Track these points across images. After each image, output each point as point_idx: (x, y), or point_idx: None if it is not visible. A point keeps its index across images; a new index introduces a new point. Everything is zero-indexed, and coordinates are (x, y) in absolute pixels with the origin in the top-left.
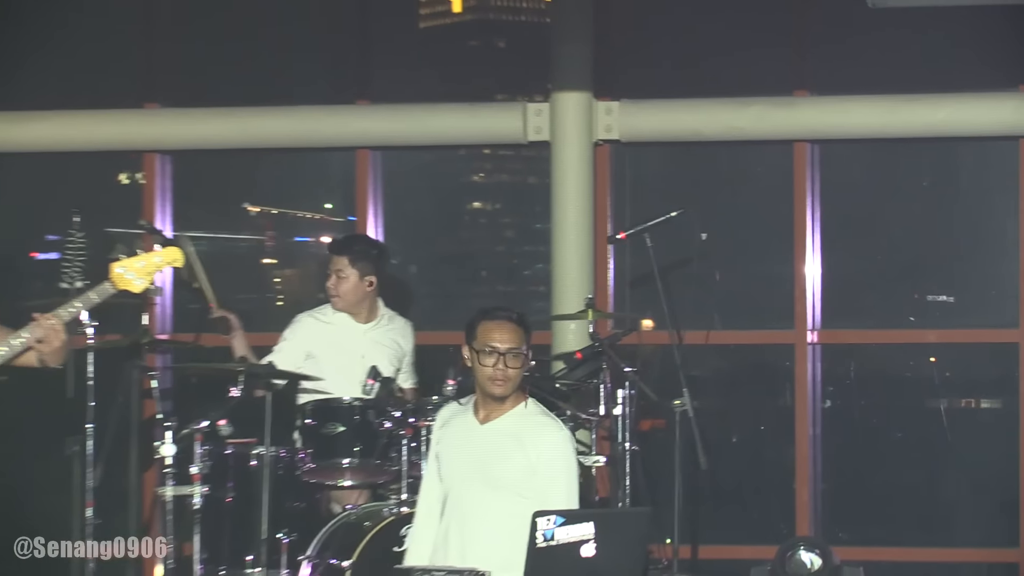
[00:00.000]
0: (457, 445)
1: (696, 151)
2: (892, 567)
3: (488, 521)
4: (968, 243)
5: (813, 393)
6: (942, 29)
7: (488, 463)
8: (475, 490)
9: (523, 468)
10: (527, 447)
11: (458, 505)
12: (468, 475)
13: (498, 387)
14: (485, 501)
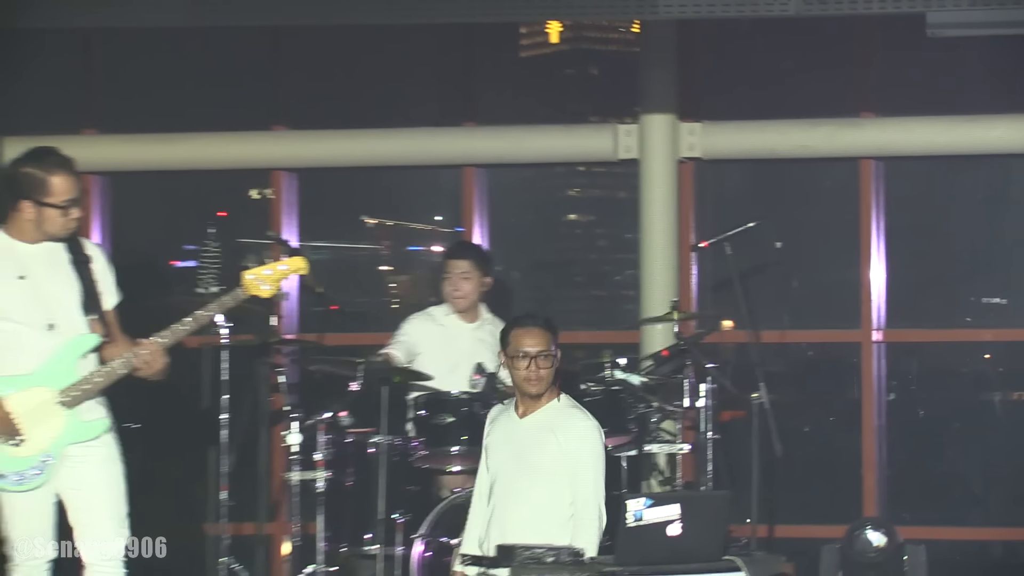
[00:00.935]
0: (501, 439)
1: (771, 167)
2: (951, 545)
3: (526, 503)
4: (1019, 250)
5: (878, 387)
6: (995, 53)
7: (526, 452)
8: (515, 476)
9: (555, 455)
10: (559, 436)
11: (501, 490)
12: (510, 463)
13: (532, 386)
14: (524, 485)
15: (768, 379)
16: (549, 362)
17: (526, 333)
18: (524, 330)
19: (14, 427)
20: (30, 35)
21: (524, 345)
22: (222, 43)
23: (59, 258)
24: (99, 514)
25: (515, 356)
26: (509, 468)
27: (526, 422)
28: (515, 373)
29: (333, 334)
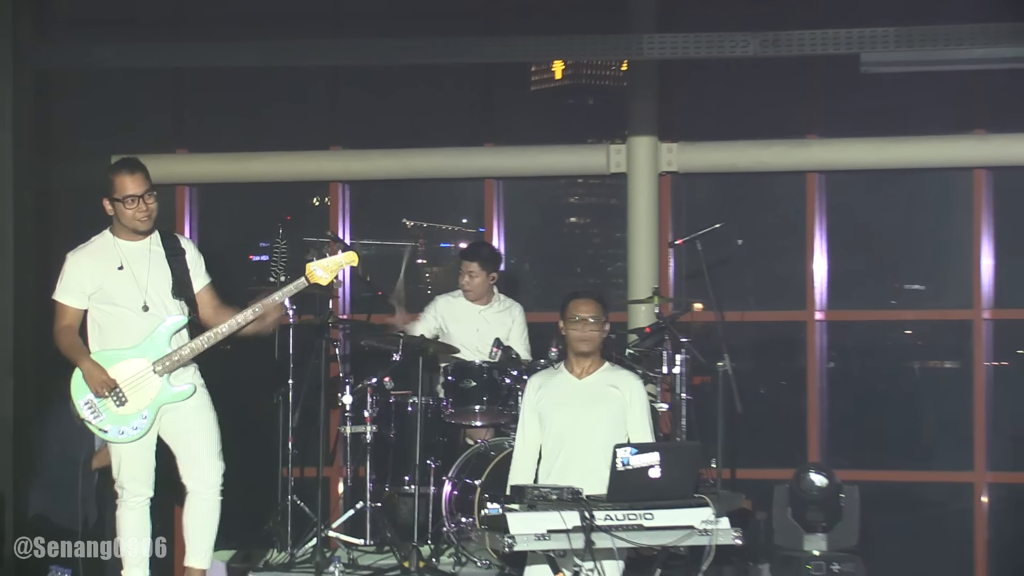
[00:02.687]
0: (560, 398)
1: (734, 179)
2: (880, 485)
3: (590, 451)
4: (935, 246)
5: (820, 357)
6: (917, 86)
7: (593, 405)
8: (579, 429)
9: (618, 408)
10: (622, 391)
11: (562, 442)
12: (576, 417)
13: (584, 345)
14: (587, 436)
15: (731, 351)
16: (599, 326)
17: (582, 302)
18: (580, 300)
19: (114, 385)
20: (135, 71)
21: (579, 311)
22: (290, 78)
23: (155, 251)
24: (198, 453)
25: (571, 320)
26: (577, 420)
27: (586, 382)
28: (571, 334)
29: (378, 315)
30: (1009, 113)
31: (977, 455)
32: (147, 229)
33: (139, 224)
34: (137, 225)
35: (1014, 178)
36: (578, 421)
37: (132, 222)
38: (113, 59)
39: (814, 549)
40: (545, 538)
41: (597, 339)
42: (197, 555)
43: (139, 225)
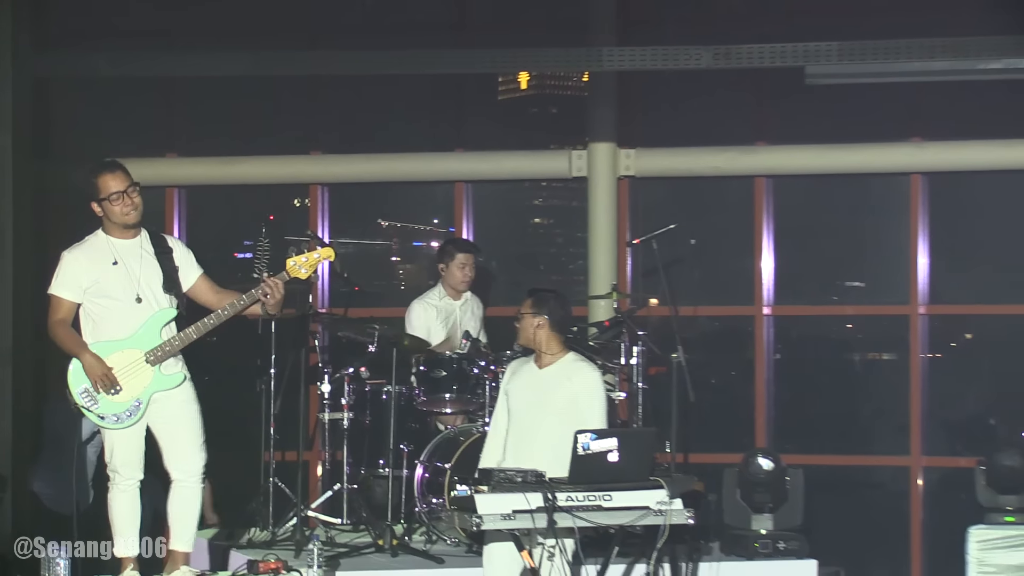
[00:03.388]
0: (523, 385)
1: (687, 183)
2: (822, 469)
3: (541, 437)
4: (873, 246)
5: (767, 349)
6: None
7: (545, 395)
8: (534, 414)
9: (568, 397)
10: (574, 382)
11: (520, 426)
12: (530, 404)
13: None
14: (541, 422)
15: (684, 343)
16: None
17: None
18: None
19: (114, 379)
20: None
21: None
22: (273, 87)
23: (146, 249)
24: (182, 442)
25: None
26: (529, 408)
27: (544, 372)
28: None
29: (355, 308)
30: (944, 122)
31: (913, 441)
32: (135, 222)
33: (127, 218)
34: (126, 219)
35: (948, 183)
36: (531, 407)
37: (121, 217)
38: (107, 68)
39: (761, 528)
40: (510, 518)
41: (526, 333)
42: (181, 539)
43: (128, 219)
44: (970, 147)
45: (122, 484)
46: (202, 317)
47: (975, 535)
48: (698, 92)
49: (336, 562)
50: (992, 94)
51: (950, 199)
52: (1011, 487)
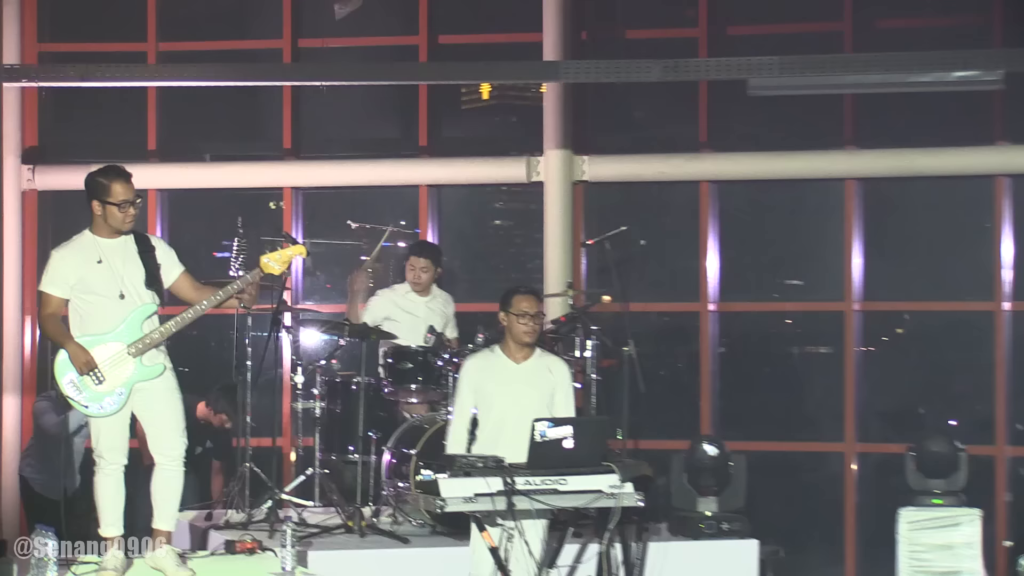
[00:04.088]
0: (502, 381)
1: (637, 188)
2: (763, 454)
3: (527, 426)
4: (812, 246)
5: (712, 343)
6: (796, 107)
7: (530, 388)
8: (523, 406)
9: (549, 389)
10: (554, 374)
11: (506, 418)
12: (517, 397)
13: (528, 337)
14: (526, 413)
15: (635, 337)
16: (540, 319)
17: (524, 299)
18: (523, 296)
19: (96, 366)
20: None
21: (524, 307)
22: (251, 97)
23: (129, 248)
24: (164, 428)
25: (516, 314)
26: (517, 400)
27: (525, 365)
28: (516, 327)
29: (327, 304)
30: (876, 131)
31: (847, 428)
32: (129, 230)
33: (124, 225)
34: (123, 226)
35: (880, 188)
36: (518, 401)
37: (119, 223)
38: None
39: (706, 510)
40: (472, 501)
41: (539, 331)
42: (163, 518)
43: (124, 226)
44: (901, 155)
45: (107, 468)
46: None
47: (905, 516)
48: (648, 103)
49: (308, 542)
50: (922, 105)
51: (882, 203)
52: (939, 471)
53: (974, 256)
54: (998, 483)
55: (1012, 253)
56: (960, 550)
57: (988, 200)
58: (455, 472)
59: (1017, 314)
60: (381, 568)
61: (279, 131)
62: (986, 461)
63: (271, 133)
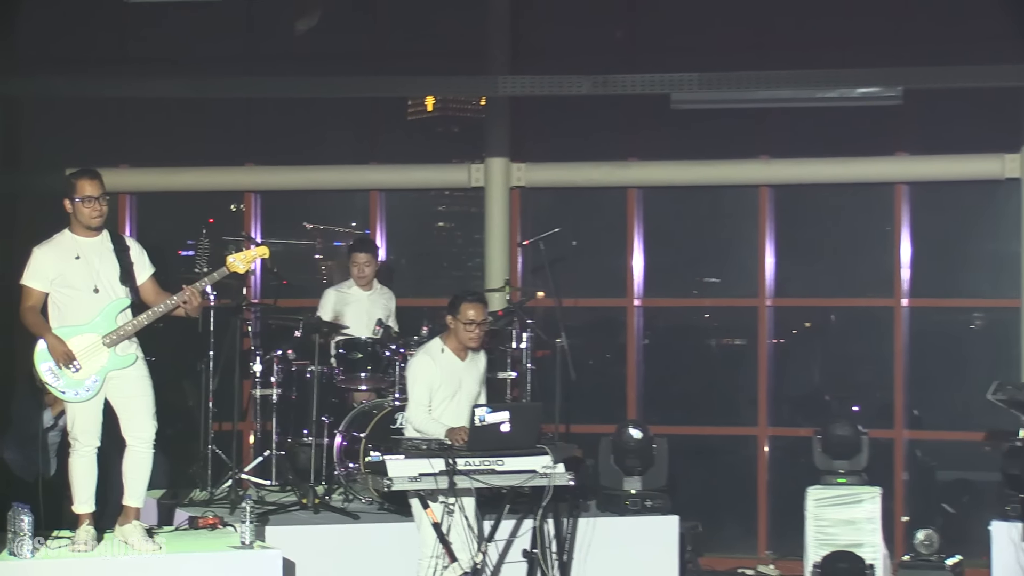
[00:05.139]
0: (454, 376)
1: (570, 193)
2: (684, 437)
3: (466, 413)
4: (728, 247)
5: (638, 335)
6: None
7: (473, 381)
8: (472, 397)
9: (482, 377)
10: (479, 366)
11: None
12: (467, 391)
13: (474, 343)
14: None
15: (566, 330)
16: (486, 326)
17: (471, 307)
18: (470, 304)
19: (74, 358)
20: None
21: (470, 316)
22: (213, 106)
23: (106, 246)
24: (136, 413)
25: (463, 321)
26: (469, 392)
27: (467, 362)
28: (462, 334)
29: (284, 299)
30: (788, 142)
31: (760, 414)
32: (99, 226)
33: (93, 221)
34: (92, 222)
35: (790, 194)
36: (470, 392)
37: (88, 219)
38: (66, 89)
39: (631, 489)
40: (417, 480)
41: (483, 338)
42: (133, 496)
43: (93, 222)
44: (810, 164)
45: (81, 450)
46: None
47: (812, 494)
48: (580, 114)
49: (266, 518)
50: (829, 118)
51: (793, 208)
52: (843, 453)
53: (875, 257)
54: (896, 464)
55: (910, 254)
56: (862, 525)
57: (888, 206)
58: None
59: (914, 310)
60: (333, 542)
61: (240, 138)
62: (885, 444)
63: (232, 140)
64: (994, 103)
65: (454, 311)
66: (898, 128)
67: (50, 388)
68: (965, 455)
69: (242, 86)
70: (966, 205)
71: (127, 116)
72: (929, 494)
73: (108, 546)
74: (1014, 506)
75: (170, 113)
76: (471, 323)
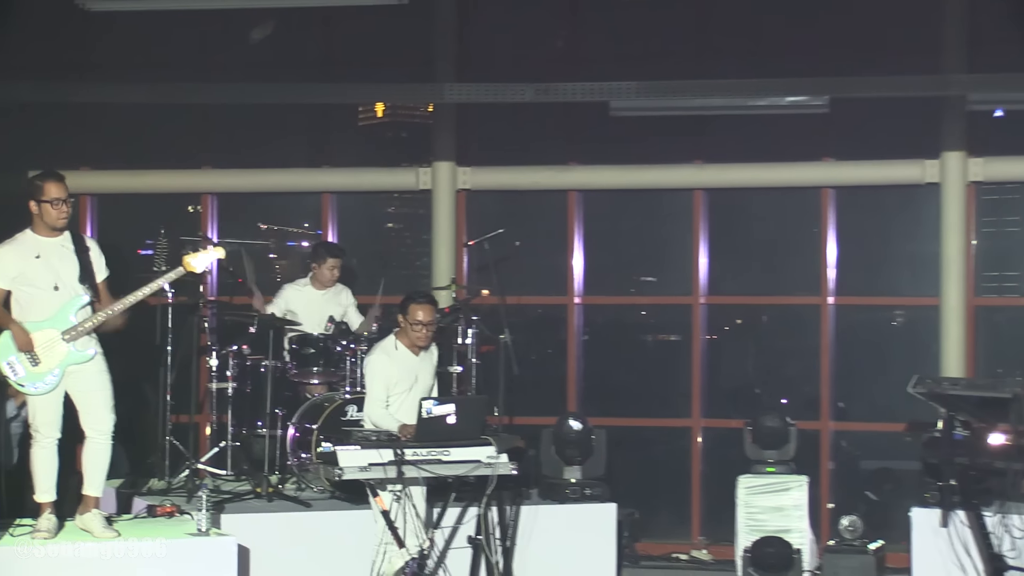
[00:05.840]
0: (409, 371)
1: (513, 196)
2: (621, 429)
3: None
4: (664, 247)
5: (577, 331)
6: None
7: (428, 375)
8: (418, 389)
9: (434, 370)
10: (432, 358)
11: (403, 402)
12: (422, 384)
13: (422, 342)
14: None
15: (510, 326)
16: (435, 327)
17: (420, 308)
18: (419, 305)
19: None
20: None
21: (420, 317)
22: (171, 111)
23: (67, 246)
24: (94, 406)
25: (413, 322)
26: (424, 385)
27: (421, 357)
28: (412, 333)
29: (239, 297)
30: (720, 148)
31: (694, 406)
32: (63, 227)
33: (59, 222)
34: (58, 223)
35: (723, 197)
36: (425, 385)
37: (55, 221)
38: (27, 95)
39: (571, 478)
40: (366, 470)
41: (432, 337)
42: (93, 485)
43: (59, 223)
44: (741, 168)
45: (43, 441)
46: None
47: (743, 482)
48: (524, 121)
49: (221, 506)
50: (760, 125)
51: (725, 210)
52: (772, 443)
53: (803, 257)
54: (823, 453)
55: (835, 255)
56: (790, 512)
57: (815, 209)
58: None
59: (839, 307)
60: (286, 529)
61: (197, 142)
62: (812, 434)
63: (190, 143)
64: (916, 112)
65: (404, 311)
66: (825, 135)
67: (11, 382)
68: (887, 445)
69: (199, 92)
70: (889, 208)
71: (88, 120)
72: (853, 482)
73: (69, 533)
74: (933, 493)
75: (130, 117)
76: (419, 324)
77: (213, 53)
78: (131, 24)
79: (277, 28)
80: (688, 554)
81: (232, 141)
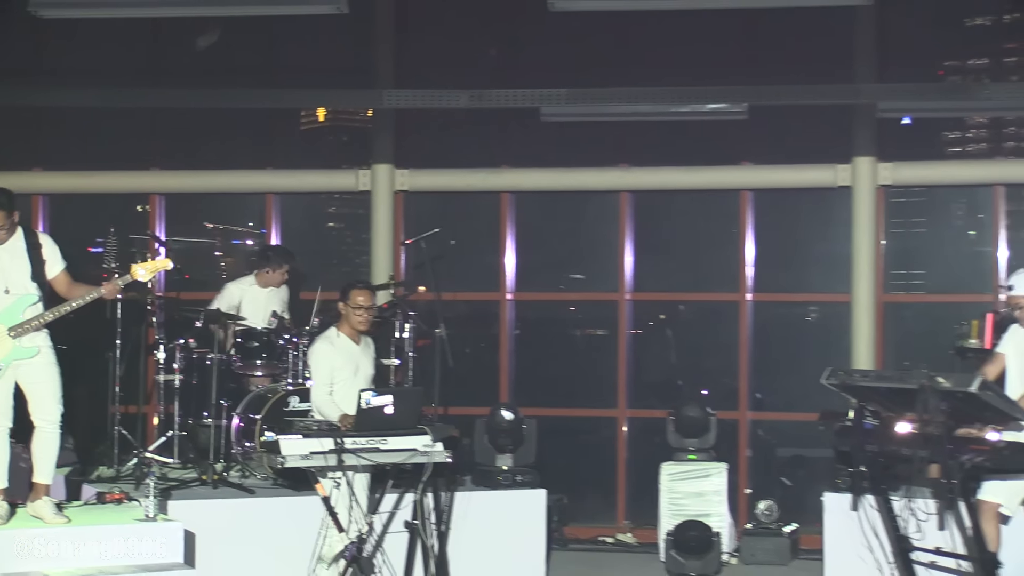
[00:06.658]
0: (351, 360)
1: (449, 197)
2: (551, 418)
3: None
4: (592, 246)
5: (510, 326)
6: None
7: (368, 363)
8: (360, 377)
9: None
10: (372, 353)
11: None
12: (363, 373)
13: (363, 326)
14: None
15: (445, 321)
16: (373, 311)
17: (360, 293)
18: (359, 291)
19: None
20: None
21: (359, 301)
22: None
23: (18, 246)
24: (44, 397)
25: (354, 307)
26: (366, 374)
27: (361, 346)
28: (353, 318)
29: (186, 292)
30: (645, 152)
31: (620, 397)
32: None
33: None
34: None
35: (647, 199)
36: (366, 374)
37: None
38: None
39: (504, 465)
40: (308, 458)
41: (371, 320)
42: (42, 474)
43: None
44: (665, 172)
45: None
46: (59, 303)
47: (666, 469)
48: (459, 125)
49: (168, 493)
50: (683, 131)
51: (649, 211)
52: (693, 432)
53: (722, 256)
54: (741, 442)
55: (753, 254)
56: (710, 497)
57: (734, 210)
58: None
59: (757, 303)
60: (231, 515)
61: (145, 144)
62: (731, 424)
63: (138, 146)
64: (829, 119)
65: (345, 297)
66: (743, 140)
67: None
68: (801, 434)
69: (148, 97)
70: (803, 210)
71: (40, 122)
72: (769, 469)
73: (20, 520)
74: (844, 479)
75: (81, 120)
76: (359, 307)
77: (161, 59)
78: (82, 30)
79: (223, 35)
80: (614, 537)
81: (179, 144)
